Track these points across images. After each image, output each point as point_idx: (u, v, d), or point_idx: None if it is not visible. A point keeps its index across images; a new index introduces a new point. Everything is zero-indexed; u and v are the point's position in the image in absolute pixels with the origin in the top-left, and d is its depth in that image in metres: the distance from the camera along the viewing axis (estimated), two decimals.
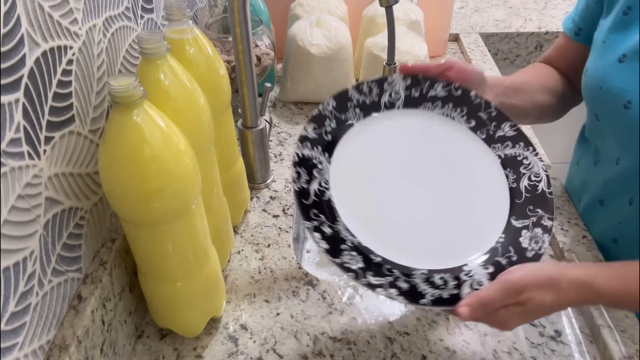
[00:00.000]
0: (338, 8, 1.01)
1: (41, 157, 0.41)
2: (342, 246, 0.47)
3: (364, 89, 0.55)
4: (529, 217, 0.51)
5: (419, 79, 0.56)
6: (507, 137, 0.55)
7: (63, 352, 0.43)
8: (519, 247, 0.49)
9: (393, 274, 0.47)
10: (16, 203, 0.38)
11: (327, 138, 0.53)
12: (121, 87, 0.39)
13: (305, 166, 0.51)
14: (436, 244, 0.50)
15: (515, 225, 0.51)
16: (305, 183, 0.50)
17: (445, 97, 0.56)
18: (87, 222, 0.49)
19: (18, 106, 0.38)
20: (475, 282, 0.47)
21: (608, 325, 0.55)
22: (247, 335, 0.58)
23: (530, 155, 0.54)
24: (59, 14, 0.43)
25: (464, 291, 0.47)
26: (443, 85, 0.56)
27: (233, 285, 0.63)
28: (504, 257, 0.49)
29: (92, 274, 0.49)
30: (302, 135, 0.52)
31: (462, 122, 0.56)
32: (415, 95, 0.56)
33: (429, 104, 0.56)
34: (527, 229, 0.50)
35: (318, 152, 0.52)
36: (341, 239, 0.48)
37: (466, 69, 0.57)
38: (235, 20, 0.61)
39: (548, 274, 0.45)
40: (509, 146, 0.55)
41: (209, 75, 0.55)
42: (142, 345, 0.57)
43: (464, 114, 0.56)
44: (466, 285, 0.47)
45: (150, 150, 0.42)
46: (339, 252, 0.47)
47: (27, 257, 0.39)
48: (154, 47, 0.45)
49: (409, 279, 0.47)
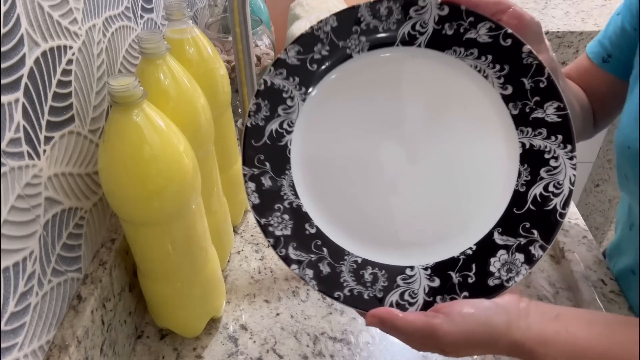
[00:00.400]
0: (337, 8, 1.01)
1: (41, 157, 0.41)
2: (276, 205, 0.40)
3: (380, 11, 0.41)
4: (518, 237, 0.39)
5: (461, 10, 0.41)
6: (546, 122, 0.40)
7: (63, 352, 0.43)
8: (484, 269, 0.39)
9: (320, 252, 0.40)
10: (16, 203, 0.38)
11: (310, 68, 0.41)
12: (121, 87, 0.39)
13: (271, 99, 0.41)
14: (389, 232, 0.41)
15: (496, 240, 0.39)
16: (262, 120, 0.41)
17: (486, 44, 0.41)
18: (87, 222, 0.49)
19: (18, 106, 0.38)
20: (409, 293, 0.39)
21: None
22: (247, 335, 0.58)
23: (564, 157, 0.39)
24: (59, 14, 0.43)
25: (389, 299, 0.39)
26: (490, 27, 0.40)
27: (233, 286, 0.63)
28: (459, 274, 0.39)
29: (91, 274, 0.49)
30: (279, 58, 0.41)
31: (496, 84, 0.41)
32: (447, 33, 0.41)
33: (460, 50, 0.42)
34: (507, 251, 0.39)
35: (293, 85, 0.41)
36: (279, 196, 0.41)
37: (524, 16, 0.42)
38: (235, 20, 0.61)
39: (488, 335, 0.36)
40: (541, 135, 0.40)
41: (208, 75, 0.55)
42: (142, 346, 0.57)
43: (504, 74, 0.41)
44: (396, 294, 0.39)
45: (150, 150, 0.42)
46: (269, 210, 0.40)
47: (27, 257, 0.39)
48: (154, 47, 0.45)
49: (336, 264, 0.40)
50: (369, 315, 0.38)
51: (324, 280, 0.39)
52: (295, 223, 0.40)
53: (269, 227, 0.40)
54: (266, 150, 0.41)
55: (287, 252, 0.39)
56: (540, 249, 0.38)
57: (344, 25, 0.41)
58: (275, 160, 0.41)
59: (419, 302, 0.39)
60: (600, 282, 0.60)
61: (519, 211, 0.40)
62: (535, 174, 0.40)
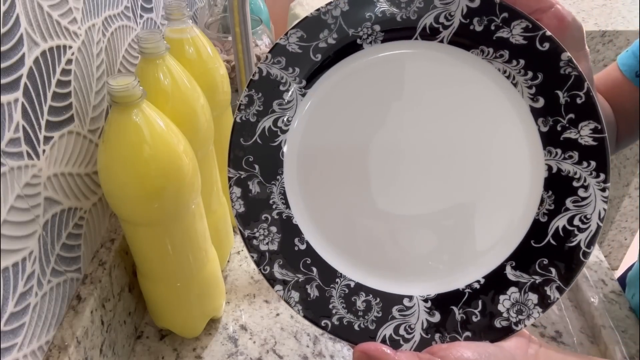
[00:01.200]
0: None
1: (40, 157, 0.41)
2: (263, 215, 0.35)
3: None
4: (533, 274, 0.34)
5: (495, 3, 0.35)
6: (579, 144, 0.34)
7: (62, 353, 0.43)
8: (491, 308, 0.34)
9: (309, 273, 0.35)
10: (15, 203, 0.38)
11: (314, 57, 0.36)
12: (120, 86, 0.39)
13: (266, 91, 0.36)
14: (388, 254, 0.36)
15: (508, 275, 0.34)
16: (254, 115, 0.36)
17: (520, 46, 0.35)
18: (87, 222, 0.49)
19: (17, 106, 0.38)
20: (405, 327, 0.34)
21: (609, 326, 0.55)
22: (247, 335, 0.57)
23: (595, 187, 0.33)
24: (58, 14, 0.43)
25: (381, 332, 0.34)
26: (526, 27, 0.34)
27: (233, 286, 0.63)
28: (462, 310, 0.34)
29: (91, 275, 0.49)
30: (278, 43, 0.36)
31: (526, 94, 0.35)
32: (476, 29, 0.35)
33: (489, 50, 0.35)
34: (519, 289, 0.34)
35: (292, 76, 0.36)
36: (268, 205, 0.36)
37: (566, 17, 0.37)
38: (235, 20, 0.61)
39: None
40: (572, 159, 0.34)
41: (208, 75, 0.55)
42: (142, 346, 0.57)
43: (536, 83, 0.35)
44: (390, 327, 0.34)
45: (149, 150, 0.42)
46: (255, 220, 0.35)
47: (26, 258, 0.39)
48: (154, 47, 0.45)
49: (326, 287, 0.35)
50: (357, 349, 0.33)
51: (311, 305, 0.35)
52: (283, 237, 0.35)
53: (253, 240, 0.35)
54: (256, 150, 0.36)
55: (271, 270, 0.35)
56: (557, 290, 0.33)
57: (357, 10, 0.35)
58: (266, 163, 0.36)
59: (415, 338, 0.34)
60: (600, 282, 0.60)
61: (537, 244, 0.34)
62: (560, 204, 0.34)
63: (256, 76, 0.36)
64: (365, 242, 0.37)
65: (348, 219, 0.37)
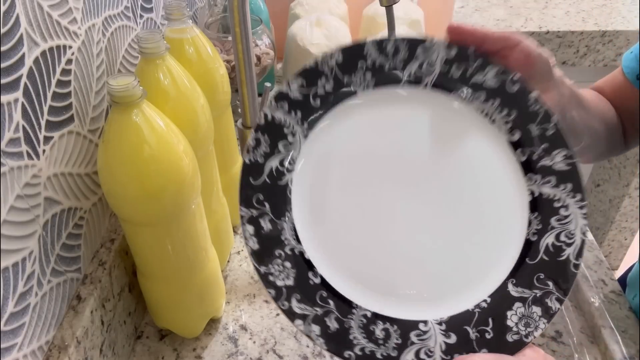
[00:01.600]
0: (338, 7, 1.01)
1: (40, 157, 0.41)
2: (276, 251, 0.37)
3: (387, 48, 0.41)
4: (533, 289, 0.37)
5: (469, 53, 0.40)
6: (554, 170, 0.39)
7: (62, 353, 0.43)
8: (502, 323, 0.37)
9: (327, 305, 0.36)
10: (15, 203, 0.38)
11: (313, 103, 0.40)
12: (120, 86, 0.39)
13: (272, 134, 0.39)
14: (398, 283, 0.39)
15: (511, 292, 0.37)
16: (262, 156, 0.38)
17: (494, 89, 0.40)
18: (87, 222, 0.49)
19: (17, 106, 0.38)
20: (425, 351, 0.36)
21: (609, 326, 0.55)
22: (247, 335, 0.57)
23: (574, 206, 0.38)
24: (58, 14, 0.43)
25: (403, 357, 0.36)
26: (498, 71, 0.40)
27: (233, 286, 0.63)
28: (475, 329, 0.37)
29: (91, 275, 0.49)
30: (280, 91, 0.39)
31: (503, 130, 0.40)
32: (454, 76, 0.41)
33: (468, 91, 0.41)
34: (523, 304, 0.37)
35: (295, 120, 0.39)
36: (280, 241, 0.38)
37: (532, 53, 0.41)
38: (235, 20, 0.61)
39: None
40: (550, 183, 0.39)
41: (208, 75, 0.55)
42: (142, 346, 0.57)
43: (511, 119, 0.40)
44: (411, 352, 0.36)
45: (149, 150, 0.42)
46: (269, 257, 0.37)
47: (26, 258, 0.39)
48: (154, 47, 0.45)
49: (344, 318, 0.36)
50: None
51: (333, 337, 0.36)
52: (297, 272, 0.37)
53: (269, 277, 0.36)
54: (265, 189, 0.38)
55: (290, 305, 0.36)
56: (557, 301, 0.37)
57: (350, 60, 0.40)
58: (275, 200, 0.38)
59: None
60: (600, 282, 0.60)
61: (532, 261, 0.38)
62: (546, 223, 0.38)
63: (262, 120, 0.39)
64: (376, 273, 0.39)
65: (358, 250, 0.39)
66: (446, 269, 0.39)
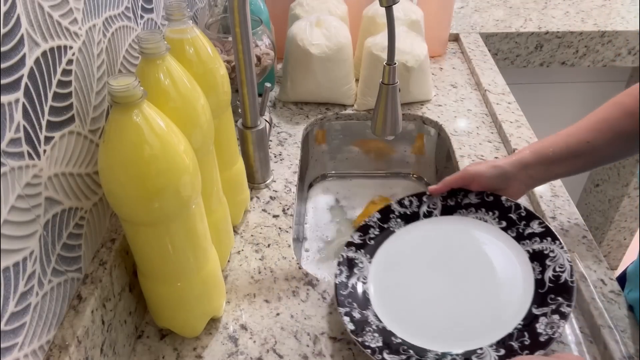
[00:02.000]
0: (338, 8, 1.01)
1: (41, 157, 0.41)
2: (367, 328, 0.55)
3: (404, 203, 0.67)
4: (549, 305, 0.53)
5: (455, 190, 0.65)
6: (536, 233, 0.59)
7: (63, 352, 0.43)
8: (534, 333, 0.51)
9: (408, 353, 0.52)
10: (16, 203, 0.38)
11: (370, 243, 0.65)
12: (121, 87, 0.39)
13: (348, 265, 0.61)
14: (456, 330, 0.55)
15: (535, 312, 0.53)
16: (345, 278, 0.60)
17: (478, 203, 0.65)
18: (87, 222, 0.49)
19: (18, 106, 0.38)
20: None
21: (608, 326, 0.55)
22: (247, 335, 0.58)
23: (557, 249, 0.57)
24: (59, 14, 0.43)
25: None
26: (476, 194, 0.65)
27: (233, 285, 0.63)
28: (517, 342, 0.51)
29: (92, 274, 0.49)
30: (348, 241, 0.64)
31: (494, 223, 0.63)
32: (451, 204, 0.66)
33: (463, 210, 0.65)
34: (545, 316, 0.52)
35: (361, 254, 0.63)
36: (368, 322, 0.55)
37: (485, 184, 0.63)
38: (235, 20, 0.61)
39: None
40: (537, 241, 0.59)
41: (208, 75, 0.55)
42: (142, 346, 0.57)
43: (496, 216, 0.63)
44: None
45: (150, 150, 0.42)
46: (362, 331, 0.54)
47: (27, 257, 0.39)
48: (154, 47, 0.45)
49: (422, 358, 0.52)
50: None
51: None
52: (384, 338, 0.54)
53: (365, 342, 0.53)
54: (351, 296, 0.58)
55: (383, 357, 0.51)
56: (568, 307, 0.52)
57: (384, 215, 0.67)
58: (359, 301, 0.58)
59: None
60: (600, 282, 0.60)
61: (542, 290, 0.55)
62: (543, 264, 0.57)
63: (341, 258, 0.62)
64: (440, 329, 0.55)
65: (423, 318, 0.56)
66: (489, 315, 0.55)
